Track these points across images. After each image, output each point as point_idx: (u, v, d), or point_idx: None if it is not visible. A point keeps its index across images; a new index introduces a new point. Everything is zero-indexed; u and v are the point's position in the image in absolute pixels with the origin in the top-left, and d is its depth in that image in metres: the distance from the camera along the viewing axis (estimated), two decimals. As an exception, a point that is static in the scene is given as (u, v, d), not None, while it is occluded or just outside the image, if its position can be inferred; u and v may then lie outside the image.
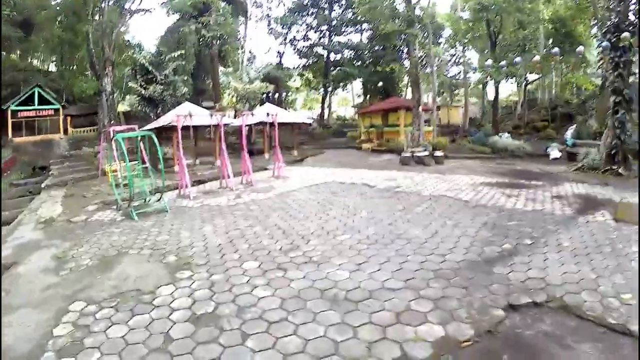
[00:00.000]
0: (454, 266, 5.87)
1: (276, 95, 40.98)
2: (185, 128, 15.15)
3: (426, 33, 29.53)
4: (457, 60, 43.49)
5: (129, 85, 28.02)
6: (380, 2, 25.75)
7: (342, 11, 46.09)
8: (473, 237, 7.24)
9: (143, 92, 25.80)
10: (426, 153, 20.08)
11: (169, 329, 4.48)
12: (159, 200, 11.19)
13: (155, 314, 4.85)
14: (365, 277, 5.58)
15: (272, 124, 17.37)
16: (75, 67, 40.61)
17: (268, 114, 17.56)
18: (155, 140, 11.77)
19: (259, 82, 30.32)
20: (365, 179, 14.68)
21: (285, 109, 39.98)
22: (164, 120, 18.57)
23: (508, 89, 49.47)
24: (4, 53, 31.86)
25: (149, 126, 19.29)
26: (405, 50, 38.95)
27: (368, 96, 48.25)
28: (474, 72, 33.47)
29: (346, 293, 5.12)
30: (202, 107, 24.99)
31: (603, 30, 16.26)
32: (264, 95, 33.67)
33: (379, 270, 5.84)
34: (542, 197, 10.70)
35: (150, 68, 26.78)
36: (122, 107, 39.81)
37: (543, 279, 5.31)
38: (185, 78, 29.68)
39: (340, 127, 45.83)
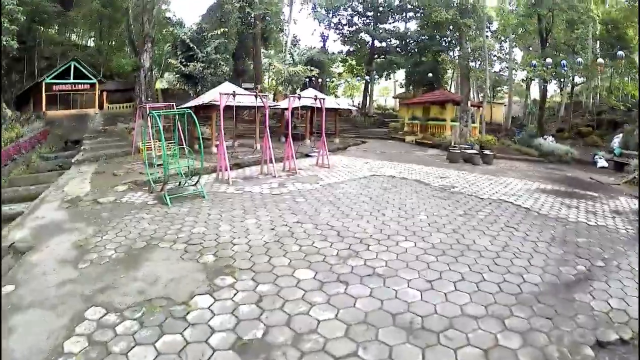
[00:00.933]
0: (534, 289, 5.15)
1: (319, 81, 39.87)
2: (226, 108, 14.28)
3: (474, 25, 28.15)
4: (503, 56, 41.65)
5: (169, 62, 27.42)
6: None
7: (389, -3, 44.58)
8: (545, 254, 6.48)
9: (183, 69, 25.14)
10: (474, 151, 19.02)
11: (208, 359, 3.59)
12: (195, 184, 10.23)
13: (189, 334, 4.00)
14: (440, 299, 4.77)
15: (319, 109, 16.33)
16: (113, 42, 40.74)
17: (316, 98, 16.45)
18: (195, 119, 10.80)
19: (301, 66, 29.29)
20: (416, 175, 13.87)
21: (327, 94, 38.96)
22: (206, 98, 17.69)
23: (549, 90, 47.43)
24: (40, 27, 31.73)
25: (188, 104, 18.46)
26: (453, 41, 37.68)
27: (411, 87, 46.75)
28: (531, 70, 31.63)
29: (422, 320, 4.30)
30: (242, 88, 24.20)
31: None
32: (307, 79, 32.67)
33: (454, 290, 5.02)
34: (601, 211, 9.96)
35: (191, 45, 26.09)
36: (160, 85, 39.54)
37: (625, 310, 4.72)
38: (227, 57, 28.80)
39: (381, 116, 44.81)
